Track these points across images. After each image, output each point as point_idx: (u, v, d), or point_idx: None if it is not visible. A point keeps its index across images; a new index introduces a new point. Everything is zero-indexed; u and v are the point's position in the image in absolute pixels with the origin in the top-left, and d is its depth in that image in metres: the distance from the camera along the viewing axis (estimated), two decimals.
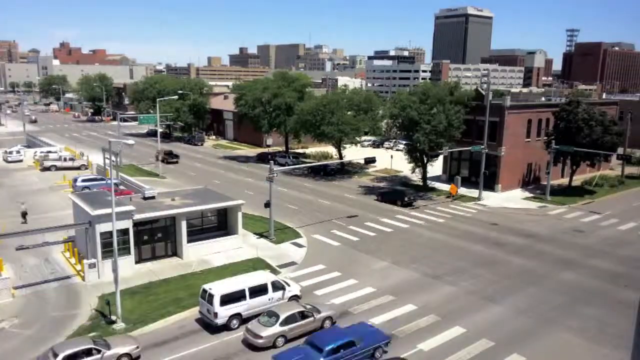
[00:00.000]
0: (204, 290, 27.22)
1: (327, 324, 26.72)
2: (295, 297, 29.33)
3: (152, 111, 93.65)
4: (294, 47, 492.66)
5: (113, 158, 46.18)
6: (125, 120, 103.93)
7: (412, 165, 59.30)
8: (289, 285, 29.67)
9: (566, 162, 59.63)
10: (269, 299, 28.12)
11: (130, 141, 29.22)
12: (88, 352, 22.70)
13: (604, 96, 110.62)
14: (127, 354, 23.53)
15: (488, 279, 34.01)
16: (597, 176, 63.34)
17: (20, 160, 73.56)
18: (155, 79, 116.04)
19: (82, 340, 23.59)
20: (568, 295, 31.42)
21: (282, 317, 25.37)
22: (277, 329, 25.00)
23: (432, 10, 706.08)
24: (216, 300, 26.17)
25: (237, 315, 26.94)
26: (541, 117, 61.23)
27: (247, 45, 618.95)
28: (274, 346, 24.80)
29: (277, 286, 28.77)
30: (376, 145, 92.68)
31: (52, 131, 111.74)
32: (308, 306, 27.03)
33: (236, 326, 26.72)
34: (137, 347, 23.96)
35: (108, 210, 29.51)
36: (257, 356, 24.41)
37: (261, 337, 24.67)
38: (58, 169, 67.17)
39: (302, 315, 26.04)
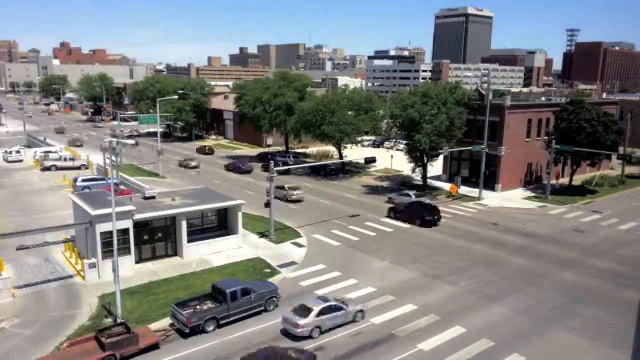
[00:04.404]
0: None
1: None
2: None
3: (152, 111, 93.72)
4: (294, 47, 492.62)
5: (113, 158, 46.27)
6: (125, 120, 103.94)
7: (412, 165, 59.30)
8: None
9: (566, 162, 59.61)
10: None
11: (130, 141, 29.29)
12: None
13: (604, 96, 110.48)
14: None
15: (488, 278, 34.01)
16: (597, 176, 63.36)
17: (21, 160, 73.59)
18: (155, 78, 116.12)
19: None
20: (568, 295, 31.41)
21: None
22: None
23: (432, 10, 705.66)
24: None
25: None
26: (541, 117, 61.22)
27: (247, 45, 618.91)
28: None
29: None
30: (376, 145, 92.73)
31: (52, 131, 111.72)
32: None
33: None
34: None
35: (108, 210, 29.53)
36: None
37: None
38: (58, 168, 67.19)
39: None
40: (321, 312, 26.24)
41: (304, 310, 26.30)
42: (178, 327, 26.34)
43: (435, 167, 63.14)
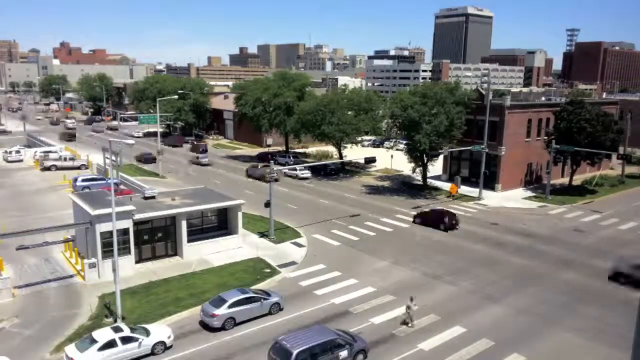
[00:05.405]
0: None
1: None
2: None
3: (152, 111, 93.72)
4: (294, 47, 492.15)
5: (113, 158, 46.25)
6: (125, 120, 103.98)
7: (412, 165, 59.28)
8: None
9: (566, 162, 59.62)
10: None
11: (130, 141, 29.26)
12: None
13: (604, 96, 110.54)
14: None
15: (488, 278, 34.01)
16: (597, 176, 63.37)
17: (21, 160, 73.58)
18: (155, 78, 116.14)
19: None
20: (568, 295, 31.41)
21: None
22: None
23: (432, 10, 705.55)
24: None
25: None
26: (541, 117, 61.22)
27: (247, 45, 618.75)
28: None
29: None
30: (376, 145, 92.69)
31: (52, 131, 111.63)
32: None
33: None
34: None
35: (108, 210, 29.52)
36: (258, 356, 24.44)
37: None
38: (58, 168, 67.19)
39: None
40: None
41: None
42: None
43: (436, 167, 63.10)
